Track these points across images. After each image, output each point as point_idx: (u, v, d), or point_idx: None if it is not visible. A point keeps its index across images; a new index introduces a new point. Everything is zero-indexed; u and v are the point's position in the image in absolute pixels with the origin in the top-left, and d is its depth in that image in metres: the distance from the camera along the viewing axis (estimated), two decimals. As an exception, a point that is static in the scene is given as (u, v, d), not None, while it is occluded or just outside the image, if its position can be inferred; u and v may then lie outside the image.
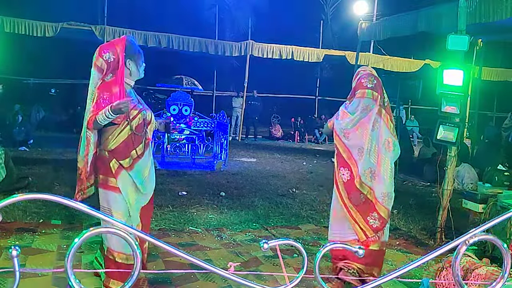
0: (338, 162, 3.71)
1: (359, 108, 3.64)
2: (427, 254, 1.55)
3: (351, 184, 3.61)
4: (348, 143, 3.63)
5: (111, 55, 3.17)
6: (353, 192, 3.60)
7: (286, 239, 1.50)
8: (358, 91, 3.70)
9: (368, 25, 12.01)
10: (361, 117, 3.61)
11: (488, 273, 3.38)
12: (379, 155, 3.58)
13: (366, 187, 3.58)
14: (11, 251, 1.25)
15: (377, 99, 3.63)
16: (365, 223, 3.59)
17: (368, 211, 3.59)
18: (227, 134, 10.13)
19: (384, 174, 3.59)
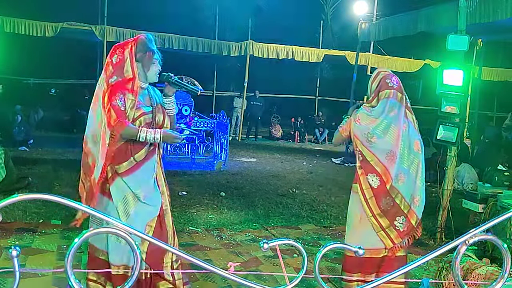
0: (364, 169, 3.44)
1: (386, 110, 3.40)
2: (427, 254, 1.55)
3: (381, 190, 3.37)
4: (375, 148, 3.38)
5: (119, 56, 2.95)
6: (384, 199, 3.37)
7: (286, 239, 1.50)
8: (382, 92, 3.45)
9: (368, 25, 12.01)
10: (389, 120, 3.38)
11: (488, 273, 3.38)
12: (410, 158, 3.39)
13: (395, 191, 3.36)
14: (11, 251, 1.25)
15: (402, 100, 3.45)
16: (393, 228, 3.38)
17: (395, 215, 3.38)
18: (227, 134, 10.13)
19: (415, 178, 3.40)
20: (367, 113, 3.46)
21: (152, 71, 3.04)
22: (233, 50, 15.87)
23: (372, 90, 3.52)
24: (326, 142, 16.59)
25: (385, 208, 3.36)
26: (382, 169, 3.35)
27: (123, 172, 2.91)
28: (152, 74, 3.04)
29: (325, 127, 16.76)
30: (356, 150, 3.51)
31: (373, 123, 3.39)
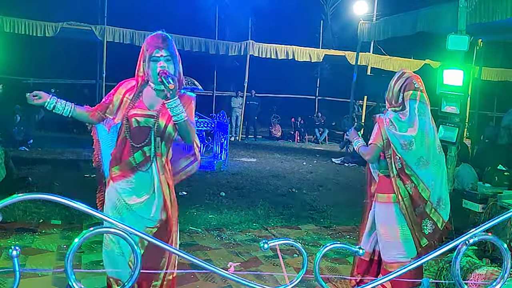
0: (403, 176, 3.23)
1: (417, 114, 3.26)
2: (427, 254, 1.55)
3: (416, 197, 3.24)
4: (410, 155, 3.22)
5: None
6: (418, 206, 3.26)
7: (286, 239, 1.50)
8: (407, 93, 3.29)
9: (368, 25, 12.02)
10: (423, 125, 3.25)
11: (488, 273, 3.38)
12: (435, 162, 3.29)
13: (426, 196, 3.27)
14: (11, 251, 1.25)
15: (428, 104, 3.33)
16: (421, 233, 3.28)
17: (422, 219, 3.28)
18: (227, 134, 10.13)
19: (441, 181, 3.32)
20: (399, 119, 3.27)
21: (152, 70, 2.76)
22: (233, 50, 15.87)
23: (396, 90, 3.34)
24: (326, 142, 16.59)
25: (419, 214, 3.26)
26: (414, 175, 3.23)
27: (114, 176, 2.79)
28: (152, 73, 2.76)
29: (325, 127, 16.76)
30: (391, 158, 3.26)
31: (413, 132, 3.22)
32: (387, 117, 3.30)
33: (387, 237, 3.32)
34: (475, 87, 12.74)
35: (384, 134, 3.25)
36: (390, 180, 3.27)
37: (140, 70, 2.83)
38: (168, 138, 2.78)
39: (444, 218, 3.32)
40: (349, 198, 7.77)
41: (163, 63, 2.77)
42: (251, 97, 16.23)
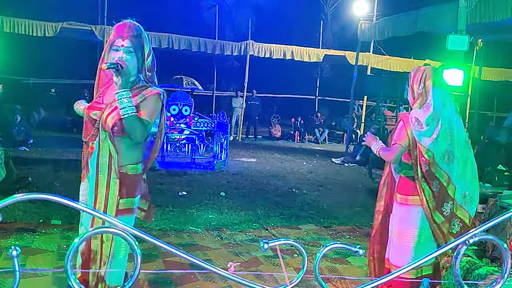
0: (429, 177, 3.05)
1: (440, 103, 3.09)
2: (427, 254, 1.55)
3: (442, 196, 3.08)
4: (436, 149, 3.04)
5: None
6: (445, 204, 3.08)
7: (286, 239, 1.50)
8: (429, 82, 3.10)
9: (368, 25, 12.02)
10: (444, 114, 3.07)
11: (488, 273, 3.38)
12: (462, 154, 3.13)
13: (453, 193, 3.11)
14: (11, 251, 1.25)
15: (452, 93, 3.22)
16: (450, 233, 3.11)
17: (451, 218, 3.12)
18: (227, 134, 10.13)
19: (465, 174, 3.14)
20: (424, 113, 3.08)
21: (111, 59, 2.58)
22: (233, 50, 15.87)
23: (416, 84, 3.14)
24: (326, 142, 16.59)
25: (447, 213, 3.08)
26: (442, 173, 3.06)
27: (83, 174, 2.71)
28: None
29: (325, 127, 16.77)
30: (416, 159, 3.05)
31: (437, 124, 3.04)
32: (413, 115, 3.09)
33: (401, 239, 3.16)
34: (475, 87, 12.75)
35: (410, 133, 3.05)
36: (412, 182, 3.10)
37: (104, 60, 2.63)
38: (111, 132, 2.51)
39: (470, 214, 3.14)
40: (349, 198, 7.77)
41: (123, 53, 2.58)
42: (252, 97, 16.24)
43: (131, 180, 2.59)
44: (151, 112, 2.57)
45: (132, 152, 2.60)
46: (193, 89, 16.72)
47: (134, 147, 2.59)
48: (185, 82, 18.48)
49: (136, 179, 2.63)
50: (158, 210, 6.04)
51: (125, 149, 2.57)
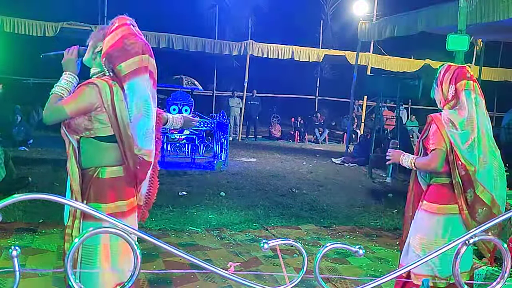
0: (466, 183, 2.89)
1: (474, 106, 2.90)
2: (427, 254, 1.55)
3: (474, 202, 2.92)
4: (471, 154, 2.90)
5: None
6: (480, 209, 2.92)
7: (286, 239, 1.50)
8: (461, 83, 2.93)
9: (368, 25, 12.02)
10: (478, 118, 2.91)
11: (488, 273, 3.38)
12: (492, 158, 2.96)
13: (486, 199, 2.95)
14: (11, 251, 1.25)
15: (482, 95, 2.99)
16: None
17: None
18: (227, 134, 10.13)
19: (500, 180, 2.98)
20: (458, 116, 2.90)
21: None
22: (233, 50, 15.87)
23: (446, 84, 2.98)
24: (326, 142, 16.59)
25: (481, 219, 2.89)
26: (477, 184, 2.91)
27: None
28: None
29: (325, 127, 16.77)
30: (454, 163, 2.89)
31: (473, 128, 2.87)
32: (445, 117, 2.90)
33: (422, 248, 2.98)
34: (475, 87, 12.72)
35: (446, 136, 2.87)
36: (444, 189, 2.94)
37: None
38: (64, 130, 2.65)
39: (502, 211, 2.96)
40: (349, 198, 7.77)
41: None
42: (252, 97, 16.24)
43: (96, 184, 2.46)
44: (69, 99, 2.47)
45: (93, 153, 2.50)
46: (193, 89, 16.69)
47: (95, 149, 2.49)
48: (185, 82, 18.46)
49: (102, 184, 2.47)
50: (158, 210, 6.05)
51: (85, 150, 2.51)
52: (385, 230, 6.02)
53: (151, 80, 2.62)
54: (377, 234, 5.76)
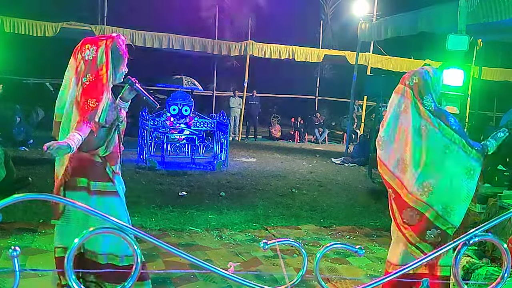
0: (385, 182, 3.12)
1: (391, 107, 3.08)
2: (428, 255, 1.55)
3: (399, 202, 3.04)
4: (381, 154, 3.08)
5: (92, 54, 2.88)
6: (405, 211, 3.00)
7: (286, 239, 1.50)
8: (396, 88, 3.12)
9: (368, 25, 12.02)
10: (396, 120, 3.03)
11: (488, 273, 3.38)
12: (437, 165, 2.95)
13: (421, 203, 2.96)
14: (11, 251, 1.25)
15: (408, 94, 3.04)
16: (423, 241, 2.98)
17: (426, 229, 2.97)
18: (227, 134, 10.13)
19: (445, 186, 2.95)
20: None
21: (122, 72, 3.00)
22: (233, 50, 15.86)
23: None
24: (326, 142, 16.59)
25: (409, 221, 2.98)
26: (393, 179, 3.04)
27: (117, 171, 3.05)
28: (120, 75, 3.00)
29: (324, 127, 16.77)
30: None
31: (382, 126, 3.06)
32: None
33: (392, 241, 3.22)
34: (475, 87, 12.74)
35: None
36: None
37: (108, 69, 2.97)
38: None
39: (454, 224, 2.97)
40: (349, 198, 7.77)
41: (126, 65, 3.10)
42: (252, 97, 16.24)
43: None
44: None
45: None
46: (193, 89, 16.72)
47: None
48: (185, 82, 18.46)
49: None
50: (158, 210, 6.05)
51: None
52: (385, 230, 6.00)
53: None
54: (377, 234, 5.76)
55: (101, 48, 2.89)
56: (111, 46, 2.91)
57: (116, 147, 3.03)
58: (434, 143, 2.94)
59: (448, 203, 2.95)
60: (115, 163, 3.01)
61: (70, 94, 2.93)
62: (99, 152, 2.95)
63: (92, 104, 2.80)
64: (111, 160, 2.98)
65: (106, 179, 2.97)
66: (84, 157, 2.92)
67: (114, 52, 2.92)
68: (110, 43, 2.92)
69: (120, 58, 2.96)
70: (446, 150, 2.94)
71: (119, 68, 2.96)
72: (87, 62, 2.88)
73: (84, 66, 2.88)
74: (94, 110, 2.80)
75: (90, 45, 2.92)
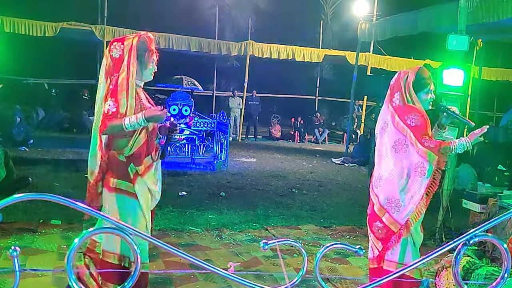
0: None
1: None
2: (427, 254, 1.55)
3: (369, 193, 3.27)
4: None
5: (118, 52, 2.92)
6: (370, 202, 3.22)
7: (286, 239, 1.50)
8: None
9: (368, 26, 12.02)
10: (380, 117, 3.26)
11: (488, 273, 3.39)
12: (389, 160, 3.11)
13: (374, 195, 3.16)
14: (11, 251, 1.25)
15: (387, 97, 3.22)
16: (372, 233, 3.15)
17: (374, 220, 3.13)
18: (227, 134, 10.13)
19: (395, 181, 3.07)
20: None
21: (149, 70, 3.03)
22: (233, 50, 15.86)
23: None
24: (326, 142, 16.58)
25: (368, 212, 3.20)
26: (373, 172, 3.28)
27: (142, 173, 3.01)
28: (148, 73, 3.04)
29: (324, 127, 16.77)
30: None
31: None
32: None
33: None
34: (475, 87, 12.74)
35: None
36: None
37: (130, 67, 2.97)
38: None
39: (399, 221, 3.04)
40: (349, 198, 7.77)
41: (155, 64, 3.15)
42: (252, 97, 16.24)
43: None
44: None
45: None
46: (193, 89, 16.69)
47: None
48: (185, 82, 18.45)
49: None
50: (158, 210, 6.03)
51: None
52: (385, 230, 6.02)
53: None
54: (377, 234, 5.75)
55: (127, 46, 2.92)
56: (137, 44, 2.94)
57: (142, 148, 2.99)
58: (389, 138, 3.11)
59: (394, 198, 3.05)
60: (138, 164, 2.98)
61: (99, 94, 3.00)
62: (124, 152, 2.98)
63: (109, 105, 2.86)
64: (135, 160, 2.98)
65: (127, 179, 2.98)
66: (111, 155, 3.01)
67: (140, 49, 2.94)
68: (136, 41, 2.94)
69: (147, 56, 2.98)
70: (398, 145, 3.08)
71: (146, 65, 2.99)
72: (114, 60, 2.93)
73: (112, 65, 2.93)
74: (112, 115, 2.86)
75: (118, 44, 2.95)
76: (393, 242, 3.05)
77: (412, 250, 3.10)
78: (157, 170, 3.16)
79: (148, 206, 3.07)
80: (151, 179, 3.07)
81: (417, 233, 3.13)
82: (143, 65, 2.98)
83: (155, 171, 3.11)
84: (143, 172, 3.01)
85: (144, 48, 2.97)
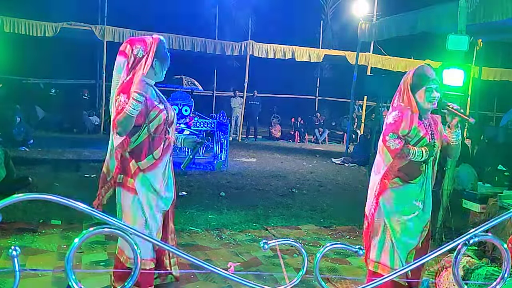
0: None
1: None
2: (427, 254, 1.55)
3: None
4: None
5: (141, 51, 3.02)
6: None
7: (286, 239, 1.50)
8: None
9: (368, 26, 12.02)
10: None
11: (488, 273, 3.38)
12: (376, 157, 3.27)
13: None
14: (11, 251, 1.25)
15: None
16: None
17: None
18: (227, 134, 10.14)
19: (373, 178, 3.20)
20: None
21: (164, 71, 3.16)
22: (233, 50, 15.86)
23: None
24: (326, 142, 16.58)
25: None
26: None
27: (145, 168, 3.03)
28: (162, 74, 3.16)
29: (324, 127, 16.77)
30: None
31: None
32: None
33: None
34: (475, 87, 12.75)
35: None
36: None
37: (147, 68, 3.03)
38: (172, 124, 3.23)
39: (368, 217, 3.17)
40: (349, 198, 7.77)
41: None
42: (252, 97, 16.24)
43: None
44: None
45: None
46: (193, 89, 16.69)
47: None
48: (185, 82, 18.43)
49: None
50: (158, 210, 6.03)
51: None
52: (385, 230, 6.01)
53: None
54: (377, 234, 5.75)
55: (150, 46, 3.05)
56: (157, 46, 3.07)
57: (144, 144, 3.02)
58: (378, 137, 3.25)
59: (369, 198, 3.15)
60: (140, 160, 3.02)
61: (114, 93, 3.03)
62: (128, 147, 3.03)
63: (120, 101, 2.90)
64: (136, 156, 3.01)
65: (128, 173, 3.02)
66: (118, 152, 3.06)
67: (159, 52, 3.06)
68: (156, 43, 3.08)
69: (164, 59, 3.10)
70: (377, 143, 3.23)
71: (162, 67, 3.10)
72: (136, 59, 3.01)
73: (134, 62, 3.01)
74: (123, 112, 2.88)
75: (139, 43, 3.06)
76: (368, 240, 3.12)
77: (389, 251, 3.03)
78: (167, 170, 3.14)
79: (151, 205, 3.04)
80: (157, 177, 3.06)
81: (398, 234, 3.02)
82: (159, 66, 3.07)
83: (164, 171, 3.09)
84: (145, 168, 3.02)
85: (163, 49, 3.10)
